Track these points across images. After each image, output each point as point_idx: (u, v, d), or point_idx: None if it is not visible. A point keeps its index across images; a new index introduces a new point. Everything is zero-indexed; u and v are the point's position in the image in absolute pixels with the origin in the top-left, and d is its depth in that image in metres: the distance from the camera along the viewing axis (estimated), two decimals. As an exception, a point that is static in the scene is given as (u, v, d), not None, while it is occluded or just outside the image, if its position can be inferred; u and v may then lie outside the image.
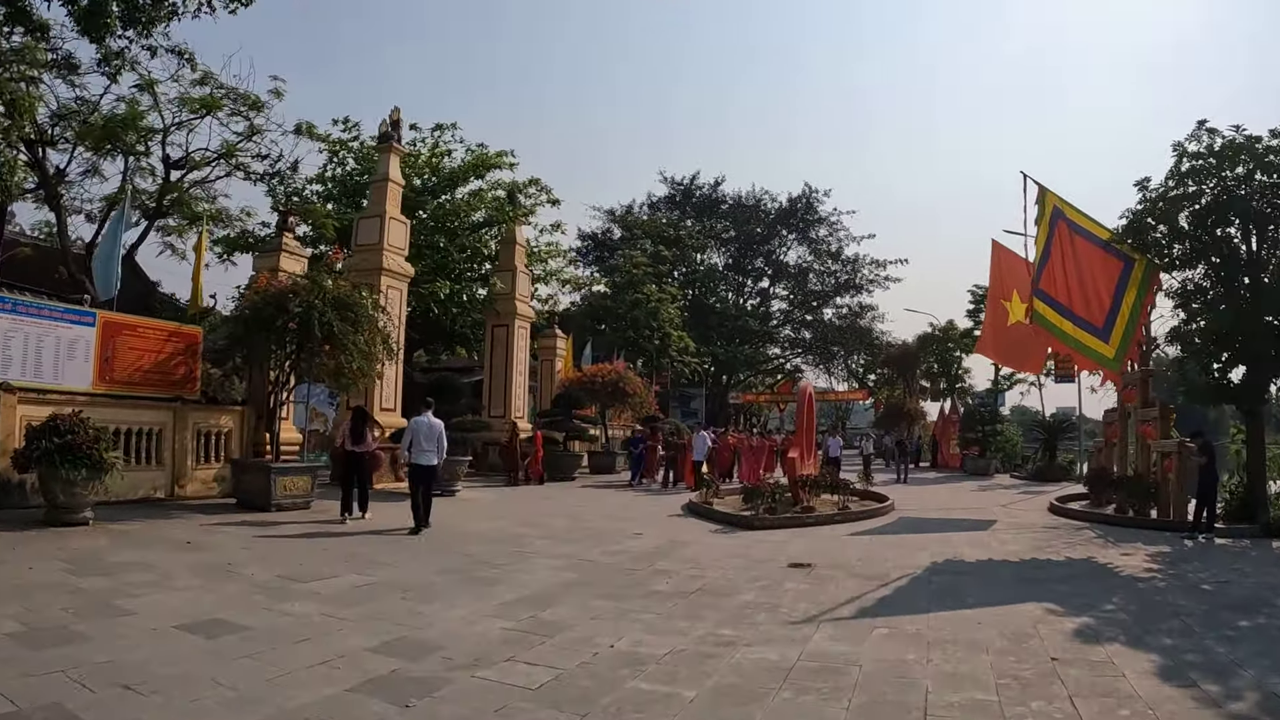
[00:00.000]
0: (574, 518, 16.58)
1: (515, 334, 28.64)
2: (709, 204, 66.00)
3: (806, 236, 65.25)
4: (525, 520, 15.88)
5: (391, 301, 22.24)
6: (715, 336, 59.94)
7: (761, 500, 15.67)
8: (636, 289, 46.89)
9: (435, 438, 14.27)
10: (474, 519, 16.03)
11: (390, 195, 22.96)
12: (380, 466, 21.10)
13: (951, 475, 37.32)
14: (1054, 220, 18.37)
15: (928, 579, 10.60)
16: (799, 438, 20.79)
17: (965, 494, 26.18)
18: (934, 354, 50.55)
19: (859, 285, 64.61)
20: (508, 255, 29.28)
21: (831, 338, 65.57)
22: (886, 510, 18.51)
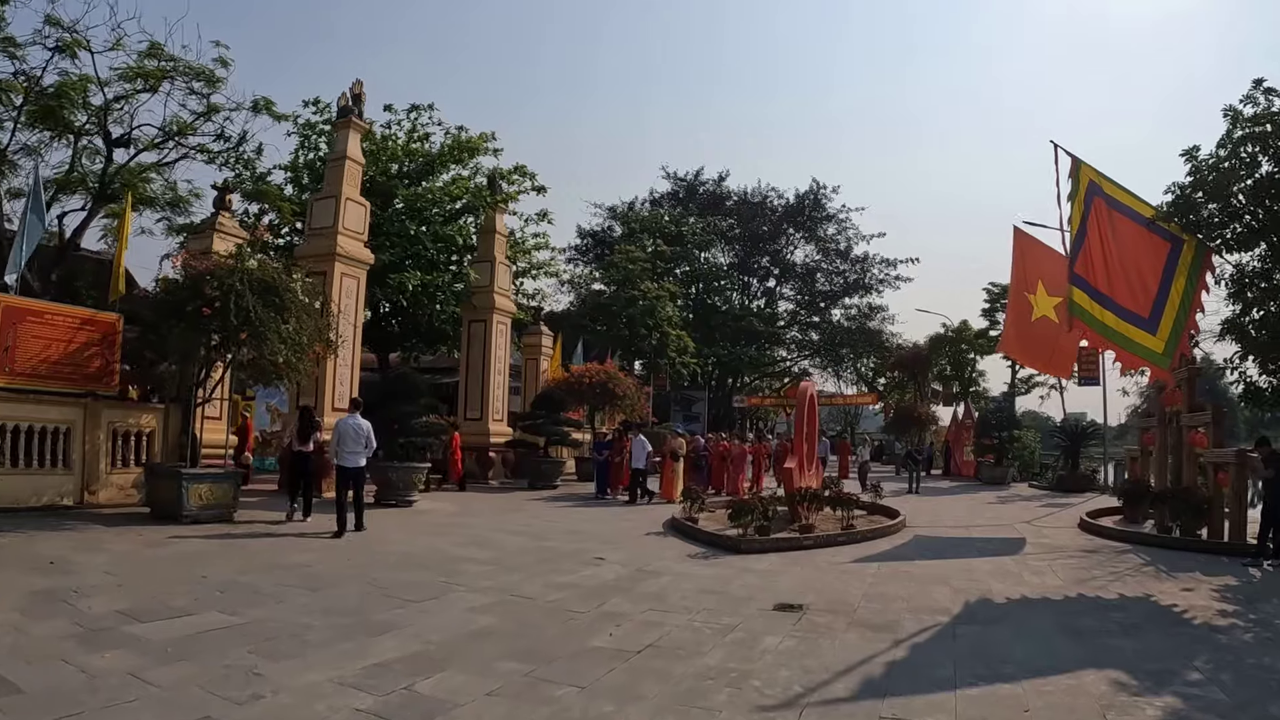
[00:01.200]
0: (535, 535, 14.30)
1: (494, 330, 26.39)
2: (714, 200, 63.59)
3: (814, 234, 62.78)
4: (475, 538, 13.64)
5: (346, 291, 20.07)
6: (718, 337, 57.52)
7: (752, 517, 13.28)
8: (633, 285, 44.56)
9: (362, 439, 14.08)
10: (416, 535, 13.82)
11: (348, 175, 20.72)
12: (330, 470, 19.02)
13: (966, 484, 34.91)
14: (1090, 197, 16.05)
15: (951, 631, 8.24)
16: (798, 444, 18.47)
17: (984, 507, 23.79)
18: (947, 356, 48.16)
19: (868, 285, 62.12)
20: (486, 245, 27.04)
21: (840, 339, 63.06)
22: (898, 528, 16.16)
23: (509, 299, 27.36)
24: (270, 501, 17.14)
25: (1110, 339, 15.28)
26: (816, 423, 21.59)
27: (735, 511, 13.18)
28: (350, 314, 20.12)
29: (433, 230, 25.40)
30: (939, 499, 26.29)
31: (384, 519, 15.80)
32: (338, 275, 19.83)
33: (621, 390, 29.06)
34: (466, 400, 26.55)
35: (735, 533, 13.51)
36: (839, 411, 73.48)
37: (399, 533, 14.03)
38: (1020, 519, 20.32)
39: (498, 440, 25.86)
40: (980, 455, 37.69)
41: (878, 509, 18.29)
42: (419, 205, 25.92)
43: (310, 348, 15.32)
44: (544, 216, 30.86)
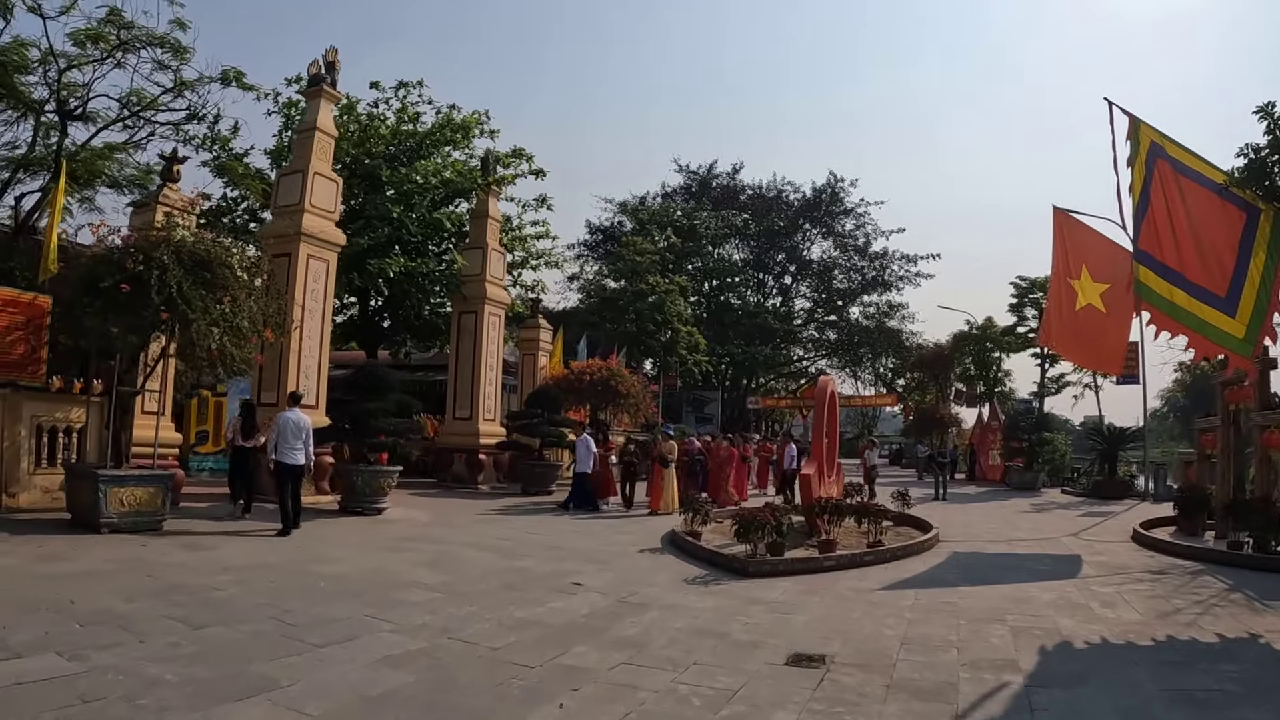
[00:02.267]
0: (509, 552, 12.23)
1: (485, 321, 24.30)
2: (728, 194, 61.32)
3: (831, 230, 60.47)
4: (437, 555, 11.63)
5: (314, 274, 18.07)
6: (732, 336, 55.32)
7: (763, 533, 11.14)
8: (641, 279, 42.47)
9: (302, 435, 13.48)
10: (367, 551, 11.76)
11: (318, 147, 18.69)
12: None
13: (994, 490, 32.74)
14: (1151, 160, 13.95)
15: (1026, 699, 6.07)
16: (817, 447, 16.36)
17: (1020, 516, 21.63)
18: (971, 355, 45.89)
19: (887, 282, 59.77)
20: (478, 230, 24.96)
21: (859, 339, 60.74)
22: (931, 544, 14.01)
23: (502, 289, 25.28)
24: (219, 508, 15.13)
25: (1182, 322, 13.09)
26: (837, 423, 19.40)
27: (743, 526, 11.03)
28: (318, 300, 18.15)
29: (419, 214, 23.40)
30: (969, 507, 24.13)
31: (341, 530, 13.85)
32: (303, 256, 17.81)
33: (625, 388, 26.93)
34: (455, 398, 24.49)
35: (743, 550, 11.38)
36: (856, 413, 71.05)
37: (347, 548, 11.99)
38: (1064, 531, 18.20)
39: (489, 442, 23.79)
40: (1008, 459, 35.55)
41: (905, 519, 16.21)
42: (405, 188, 23.94)
43: (253, 333, 13.29)
44: (543, 202, 28.79)
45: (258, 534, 12.82)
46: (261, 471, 14.87)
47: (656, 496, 18.82)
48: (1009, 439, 35.36)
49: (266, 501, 14.63)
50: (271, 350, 17.46)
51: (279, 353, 17.48)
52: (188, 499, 16.09)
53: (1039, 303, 39.31)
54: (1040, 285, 39.41)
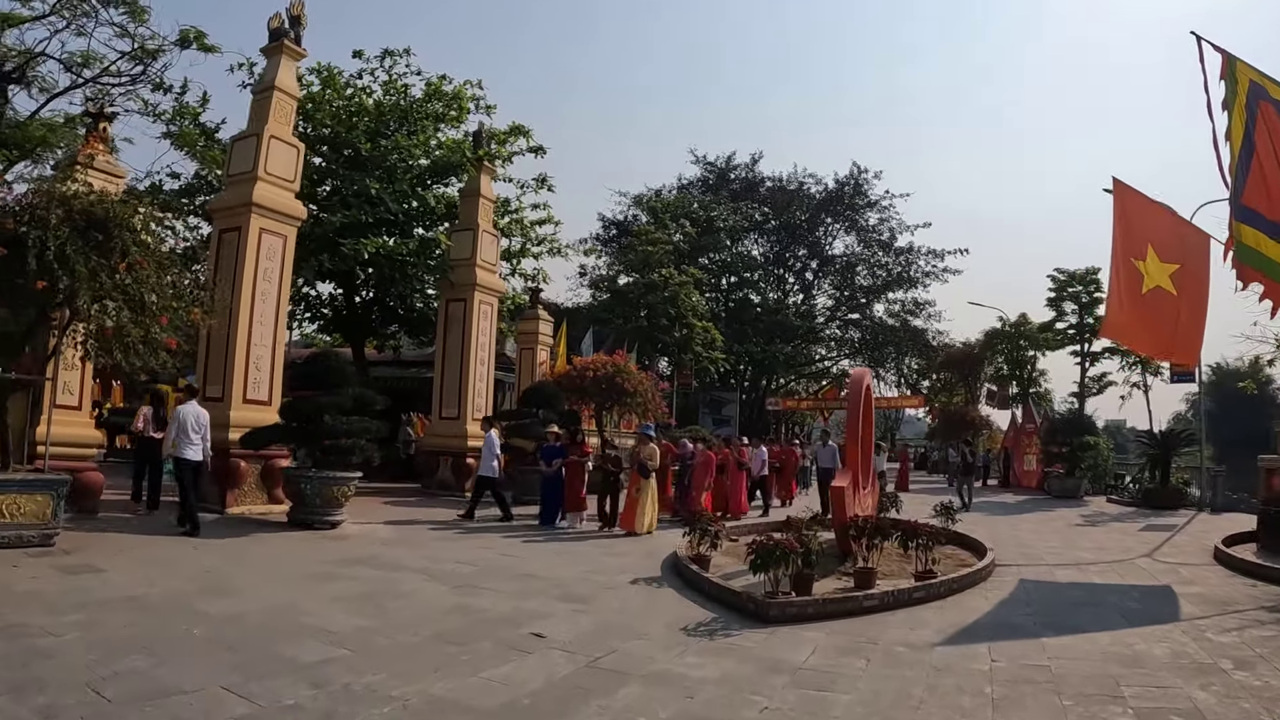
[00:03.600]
0: (465, 582, 9.84)
1: (475, 310, 21.91)
2: (747, 187, 58.69)
3: (855, 224, 57.76)
4: (374, 586, 9.31)
5: (268, 251, 15.79)
6: (751, 333, 52.75)
7: (786, 561, 8.66)
8: (652, 270, 40.05)
9: (201, 429, 12.77)
10: (285, 580, 9.46)
11: (276, 109, 16.40)
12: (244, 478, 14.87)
13: (1033, 498, 30.10)
14: (1253, 103, 11.61)
15: None
16: (851, 452, 13.82)
17: (1075, 531, 19.12)
18: (1003, 353, 43.28)
19: (913, 279, 56.99)
20: (469, 210, 22.56)
21: (883, 337, 58.05)
22: (988, 571, 11.50)
23: (495, 274, 22.87)
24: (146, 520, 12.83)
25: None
26: (873, 423, 16.81)
27: (759, 555, 8.53)
28: (273, 280, 15.86)
29: (401, 188, 21.08)
30: (1016, 520, 21.57)
31: (274, 548, 11.60)
32: (254, 231, 15.51)
33: (632, 385, 24.41)
34: (442, 396, 22.13)
35: (760, 584, 8.91)
36: (879, 415, 68.23)
37: (264, 575, 9.68)
38: (1132, 549, 15.71)
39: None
40: (1047, 464, 32.96)
41: (951, 536, 13.80)
42: (387, 162, 21.63)
43: (164, 311, 10.96)
44: (543, 183, 26.28)
45: (166, 547, 10.94)
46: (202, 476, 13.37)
47: (630, 512, 15.47)
48: (1048, 443, 32.71)
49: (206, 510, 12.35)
50: (218, 338, 15.40)
51: (225, 341, 15.28)
52: (114, 506, 13.95)
53: (1079, 297, 36.72)
54: (1080, 278, 36.85)
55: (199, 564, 10.05)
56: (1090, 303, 36.53)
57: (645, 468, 15.75)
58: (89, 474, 13.22)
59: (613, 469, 16.37)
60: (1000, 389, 44.62)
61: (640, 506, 15.42)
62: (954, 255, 55.50)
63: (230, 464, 14.63)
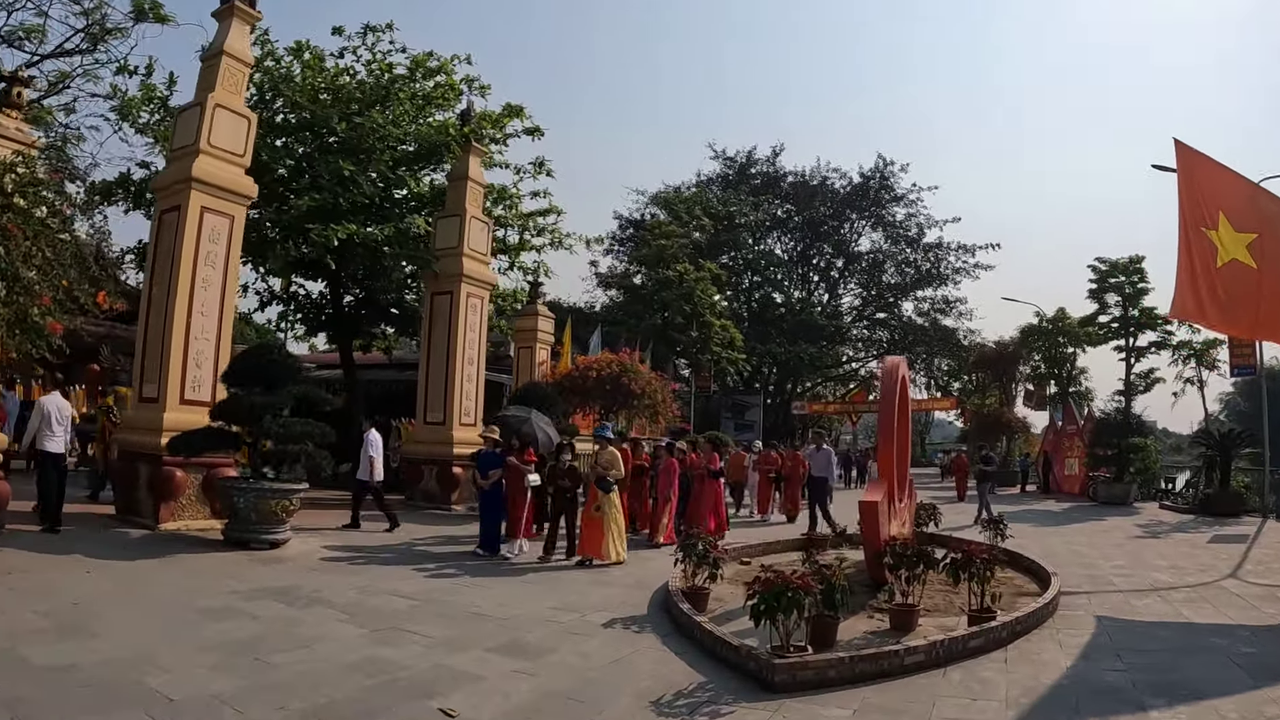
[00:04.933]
0: (388, 624, 7.81)
1: (462, 303, 19.82)
2: (768, 182, 56.47)
3: (881, 220, 55.41)
4: (261, 632, 7.27)
5: (211, 233, 13.81)
6: (774, 334, 50.52)
7: (799, 606, 6.50)
8: (667, 266, 37.95)
9: (65, 421, 12.07)
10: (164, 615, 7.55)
11: (225, 77, 14.41)
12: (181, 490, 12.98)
13: (1077, 504, 27.81)
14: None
15: None
16: (884, 457, 11.56)
17: (1140, 545, 16.87)
18: (1040, 351, 40.86)
19: (943, 276, 54.59)
20: (456, 195, 20.48)
21: (913, 337, 55.64)
22: (1053, 606, 9.23)
23: (485, 265, 20.75)
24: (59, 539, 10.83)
25: None
26: (909, 422, 14.46)
27: (765, 601, 6.26)
28: (217, 265, 13.88)
29: (376, 172, 19.08)
30: (1066, 531, 19.32)
31: (178, 572, 9.70)
32: (194, 209, 13.50)
33: (639, 386, 22.34)
34: (427, 399, 20.06)
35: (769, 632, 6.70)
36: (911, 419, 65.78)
37: (140, 609, 7.79)
38: (1209, 566, 13.57)
39: (465, 451, 18.99)
40: (1093, 468, 30.55)
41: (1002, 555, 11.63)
42: (364, 144, 19.64)
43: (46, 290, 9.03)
44: (541, 166, 24.13)
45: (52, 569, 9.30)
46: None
47: (591, 536, 12.26)
48: (1096, 445, 30.29)
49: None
50: (154, 331, 13.53)
51: (161, 334, 13.32)
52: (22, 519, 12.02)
53: (1122, 288, 34.24)
54: (1123, 268, 34.37)
55: (71, 593, 8.19)
56: (1135, 294, 34.03)
57: (605, 480, 12.49)
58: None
59: (566, 483, 12.76)
60: (1038, 389, 42.25)
61: (603, 529, 12.22)
62: (985, 250, 53.11)
63: (164, 473, 12.65)
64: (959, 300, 54.89)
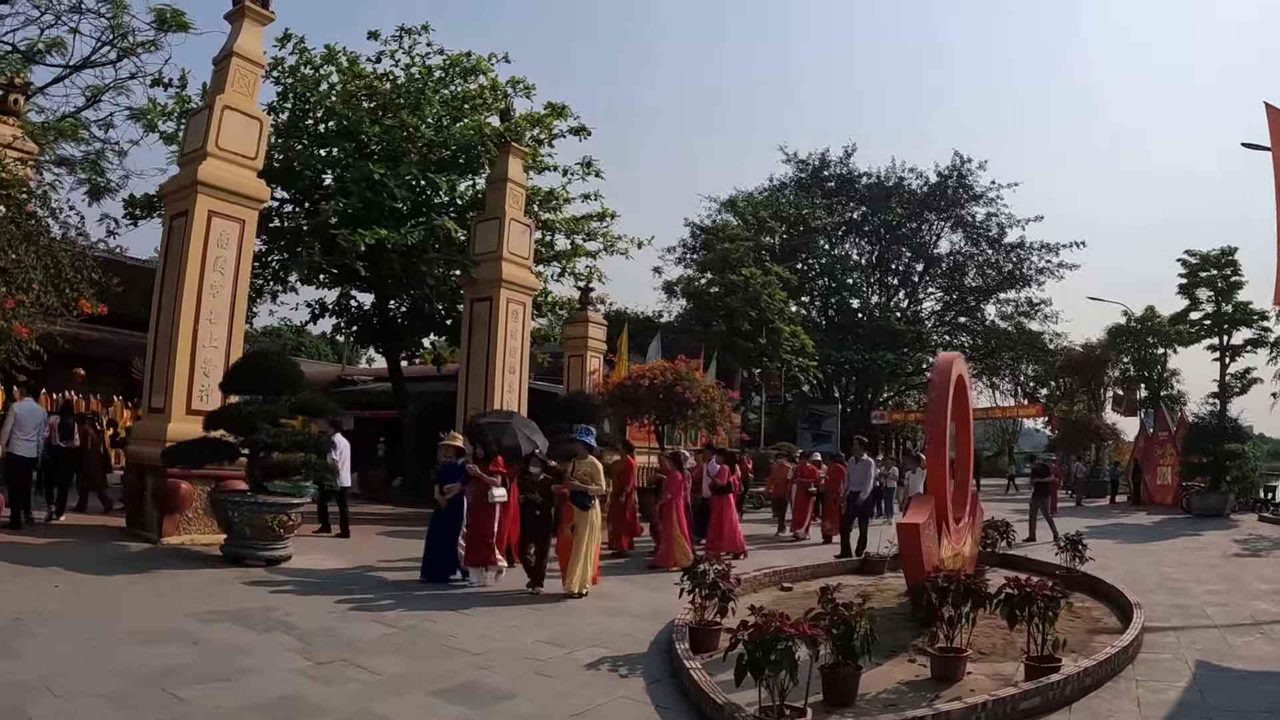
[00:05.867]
0: (345, 659, 6.90)
1: (501, 310, 18.94)
2: (842, 184, 54.68)
3: (960, 220, 53.28)
4: (203, 657, 6.45)
5: (219, 238, 13.26)
6: (850, 340, 48.77)
7: (789, 666, 5.12)
8: (732, 270, 36.70)
9: (38, 425, 12.58)
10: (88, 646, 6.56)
11: (236, 77, 13.84)
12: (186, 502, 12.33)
13: (1170, 517, 25.88)
14: None
15: None
16: (935, 469, 10.09)
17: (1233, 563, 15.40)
18: (1129, 353, 38.64)
19: (1026, 276, 52.26)
20: (496, 198, 19.63)
21: (996, 342, 53.42)
22: (1136, 645, 7.83)
23: (527, 269, 19.82)
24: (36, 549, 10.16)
25: None
26: (971, 427, 12.88)
27: (752, 652, 5.01)
28: (227, 271, 13.27)
29: (404, 170, 18.35)
30: (1156, 549, 17.75)
31: (153, 589, 8.96)
32: (201, 213, 12.95)
33: (695, 395, 21.11)
34: (467, 409, 19.22)
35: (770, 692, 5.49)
36: (994, 428, 63.13)
37: (83, 629, 7.09)
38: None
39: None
40: (1186, 477, 28.53)
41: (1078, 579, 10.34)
42: (394, 146, 19.02)
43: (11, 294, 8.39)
44: (589, 167, 23.24)
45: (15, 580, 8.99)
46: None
47: (565, 560, 10.40)
48: (1189, 452, 28.24)
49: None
50: (163, 340, 13.06)
51: (169, 342, 12.77)
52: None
53: (1214, 282, 31.97)
54: (1214, 260, 32.14)
55: (22, 608, 7.68)
56: (1227, 288, 31.75)
57: (583, 497, 10.34)
58: None
59: (535, 497, 10.77)
60: (1127, 393, 40.01)
61: (575, 553, 10.25)
62: (1069, 249, 50.67)
63: (167, 486, 12.09)
64: (1043, 302, 52.69)
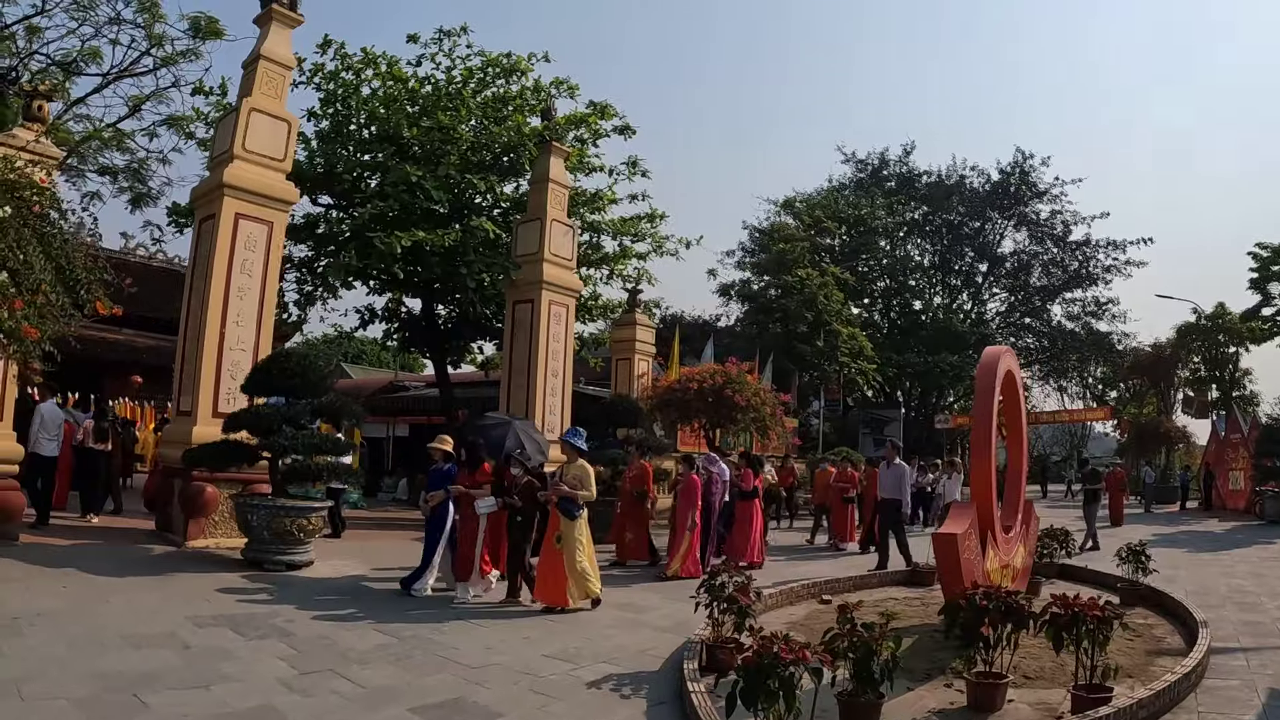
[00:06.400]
0: (330, 667, 6.60)
1: (543, 312, 18.54)
2: (902, 184, 53.43)
3: (1024, 218, 51.68)
4: (182, 663, 6.20)
5: (247, 240, 13.13)
6: (912, 343, 47.60)
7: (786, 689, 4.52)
8: (787, 271, 35.98)
9: (58, 426, 12.87)
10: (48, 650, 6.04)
11: (263, 80, 13.72)
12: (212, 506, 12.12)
13: (1243, 524, 24.85)
14: None
15: None
16: (980, 473, 9.16)
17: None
18: (1199, 352, 37.16)
19: (1093, 275, 50.44)
20: (537, 198, 19.27)
21: (1062, 343, 51.72)
22: (1201, 669, 7.06)
23: (569, 270, 19.38)
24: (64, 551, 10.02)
25: None
26: (1024, 428, 11.93)
27: (747, 682, 4.46)
28: (254, 274, 13.12)
29: (441, 172, 18.12)
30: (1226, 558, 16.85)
31: (159, 594, 8.65)
32: (228, 216, 12.81)
33: (744, 399, 20.50)
34: (509, 413, 18.85)
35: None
36: (1063, 432, 61.24)
37: (58, 628, 6.91)
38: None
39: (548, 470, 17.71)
40: (1260, 482, 27.20)
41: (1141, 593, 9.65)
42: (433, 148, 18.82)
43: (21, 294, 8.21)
44: (634, 166, 22.83)
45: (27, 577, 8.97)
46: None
47: (546, 576, 9.43)
48: (1261, 455, 26.92)
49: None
50: (192, 342, 12.96)
51: (197, 344, 12.68)
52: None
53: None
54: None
55: (23, 607, 7.63)
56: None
57: (570, 505, 9.51)
58: (6, 493, 11.07)
59: (516, 502, 9.87)
60: (1198, 394, 38.48)
61: (567, 565, 9.32)
62: (1136, 245, 48.88)
63: (192, 489, 11.94)
64: (1110, 301, 50.86)
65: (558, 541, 9.39)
